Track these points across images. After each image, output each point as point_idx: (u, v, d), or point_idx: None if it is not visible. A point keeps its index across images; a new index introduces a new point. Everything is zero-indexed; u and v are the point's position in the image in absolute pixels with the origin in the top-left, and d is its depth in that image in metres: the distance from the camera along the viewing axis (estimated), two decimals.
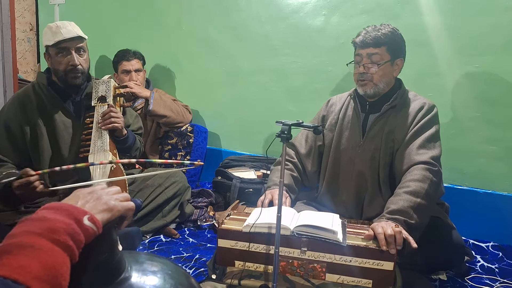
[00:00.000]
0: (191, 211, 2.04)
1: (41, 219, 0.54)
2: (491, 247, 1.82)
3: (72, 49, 1.66)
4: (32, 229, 0.52)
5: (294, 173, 1.68)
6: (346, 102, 1.70)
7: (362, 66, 1.54)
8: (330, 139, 1.69)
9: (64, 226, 0.54)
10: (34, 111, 1.68)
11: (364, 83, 1.56)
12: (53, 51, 1.67)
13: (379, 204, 1.54)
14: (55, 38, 1.63)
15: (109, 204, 0.64)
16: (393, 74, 1.57)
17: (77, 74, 1.68)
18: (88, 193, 0.65)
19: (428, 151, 1.47)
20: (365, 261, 1.20)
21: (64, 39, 1.63)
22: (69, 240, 0.54)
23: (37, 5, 3.48)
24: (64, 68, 1.66)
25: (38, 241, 0.51)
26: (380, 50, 1.51)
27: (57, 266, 0.50)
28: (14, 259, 0.47)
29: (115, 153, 1.67)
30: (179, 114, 2.37)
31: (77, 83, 1.69)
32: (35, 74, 4.17)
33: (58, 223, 0.54)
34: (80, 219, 0.57)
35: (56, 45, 1.64)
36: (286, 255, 1.24)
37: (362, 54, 1.54)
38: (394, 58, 1.54)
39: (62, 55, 1.66)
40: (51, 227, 0.53)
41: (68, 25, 1.67)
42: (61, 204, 0.58)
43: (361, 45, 1.54)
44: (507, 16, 1.81)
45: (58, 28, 1.65)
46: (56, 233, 0.53)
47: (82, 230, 0.56)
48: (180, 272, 0.80)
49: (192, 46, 2.61)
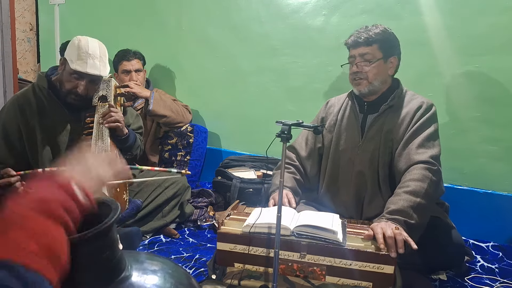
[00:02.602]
0: (191, 211, 2.04)
1: (31, 194, 0.53)
2: (491, 247, 1.82)
3: (86, 80, 1.59)
4: (23, 204, 0.51)
5: (297, 176, 1.68)
6: (345, 103, 1.70)
7: (355, 65, 1.57)
8: (329, 140, 1.69)
9: (56, 199, 0.53)
10: (34, 114, 1.65)
11: (358, 82, 1.57)
12: (69, 69, 1.58)
13: (379, 203, 1.54)
14: (76, 66, 1.55)
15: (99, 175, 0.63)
16: (388, 72, 1.58)
17: (79, 97, 1.63)
18: (76, 164, 0.63)
19: (427, 150, 1.47)
20: (365, 265, 1.19)
21: (86, 72, 1.56)
22: (63, 213, 0.52)
23: (37, 5, 3.48)
24: (70, 89, 1.61)
25: (31, 216, 0.49)
26: (371, 49, 1.53)
27: (53, 240, 0.49)
28: (7, 239, 0.46)
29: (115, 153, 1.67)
30: (179, 114, 2.37)
31: (75, 105, 1.65)
32: (35, 74, 4.17)
33: (50, 196, 0.53)
34: (71, 192, 0.55)
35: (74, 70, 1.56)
36: (285, 258, 1.24)
37: (355, 54, 1.57)
38: (387, 56, 1.55)
39: (75, 77, 1.59)
40: (43, 201, 0.52)
41: (98, 57, 1.58)
42: (51, 177, 0.57)
43: (353, 45, 1.57)
44: (507, 16, 1.81)
45: (87, 55, 1.55)
46: (48, 207, 0.51)
47: (75, 202, 0.55)
48: (180, 272, 0.80)
49: (192, 46, 2.61)
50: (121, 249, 0.68)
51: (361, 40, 1.54)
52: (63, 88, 1.63)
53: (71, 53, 1.57)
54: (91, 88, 1.64)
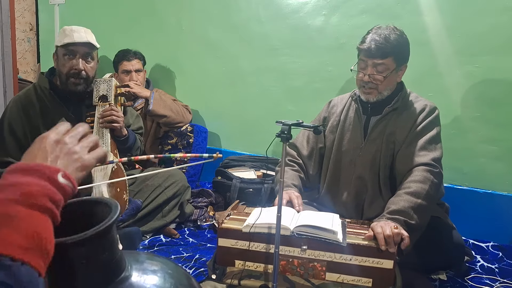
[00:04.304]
0: (191, 211, 2.04)
1: (13, 184, 0.51)
2: (491, 247, 1.82)
3: (79, 54, 1.66)
4: (5, 197, 0.49)
5: (301, 175, 1.68)
6: (348, 104, 1.69)
7: (367, 75, 1.50)
8: (331, 141, 1.68)
9: (39, 188, 0.51)
10: (37, 115, 1.67)
11: (368, 91, 1.53)
12: (61, 52, 1.67)
13: (380, 205, 1.54)
14: (65, 40, 1.64)
15: (82, 161, 0.60)
16: (397, 80, 1.56)
17: (79, 80, 1.67)
18: (55, 144, 0.60)
19: (429, 153, 1.46)
20: (365, 260, 1.20)
21: (73, 42, 1.63)
22: (47, 202, 0.51)
23: (37, 5, 3.48)
24: (67, 71, 1.66)
25: (15, 208, 0.48)
26: (386, 61, 1.47)
27: (39, 231, 0.48)
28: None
29: (116, 153, 1.67)
30: (179, 114, 2.37)
31: (77, 89, 1.68)
32: (35, 74, 4.17)
33: (32, 186, 0.51)
34: (54, 178, 0.54)
35: (65, 46, 1.64)
36: (286, 254, 1.24)
37: (367, 62, 1.49)
38: (399, 65, 1.51)
39: (68, 57, 1.66)
40: (26, 192, 0.50)
41: (83, 31, 1.67)
42: (30, 165, 0.54)
43: (367, 54, 1.48)
44: (507, 16, 1.81)
45: (71, 31, 1.66)
46: (32, 197, 0.50)
47: (58, 189, 0.53)
48: (180, 272, 0.80)
49: (192, 46, 2.61)
50: (121, 249, 0.68)
51: (376, 51, 1.45)
52: (62, 75, 1.68)
53: (58, 39, 1.68)
54: (87, 65, 1.69)
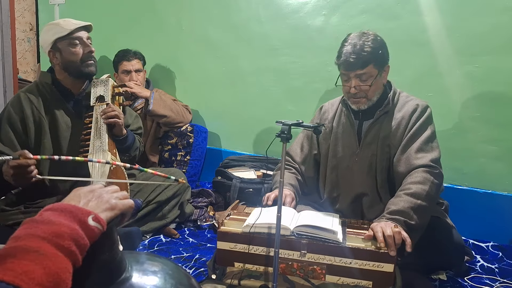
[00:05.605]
0: (191, 211, 2.04)
1: (46, 222, 0.54)
2: (491, 247, 1.82)
3: (84, 37, 1.69)
4: (37, 233, 0.52)
5: (298, 177, 1.68)
6: (339, 110, 1.67)
7: (353, 88, 1.48)
8: (326, 148, 1.67)
9: (69, 230, 0.54)
10: (40, 109, 1.68)
11: (357, 101, 1.52)
12: (65, 43, 1.66)
13: (379, 208, 1.54)
14: (69, 27, 1.64)
15: (111, 203, 0.64)
16: (383, 82, 1.54)
17: (94, 61, 1.71)
18: (88, 192, 0.65)
19: (426, 154, 1.46)
20: (365, 263, 1.19)
21: (76, 29, 1.65)
22: (73, 246, 0.53)
23: (37, 5, 3.48)
24: (81, 58, 1.68)
25: (43, 246, 0.51)
26: (367, 69, 1.45)
27: (60, 272, 0.50)
28: (18, 264, 0.47)
29: (114, 153, 1.66)
30: (179, 114, 2.37)
31: (92, 71, 1.71)
32: (35, 74, 4.17)
33: (63, 227, 0.54)
34: (84, 220, 0.57)
35: (70, 34, 1.65)
36: (285, 257, 1.24)
37: (349, 75, 1.48)
38: (381, 69, 1.49)
39: (76, 45, 1.67)
40: (56, 232, 0.53)
41: (72, 19, 1.70)
42: (65, 206, 0.58)
43: (347, 67, 1.46)
44: (507, 16, 1.81)
45: (65, 21, 1.67)
46: (60, 238, 0.52)
47: (87, 232, 0.56)
48: (181, 272, 0.81)
49: (192, 46, 2.61)
50: (121, 250, 0.68)
51: (354, 62, 1.43)
52: (73, 64, 1.67)
53: (54, 32, 1.65)
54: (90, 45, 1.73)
